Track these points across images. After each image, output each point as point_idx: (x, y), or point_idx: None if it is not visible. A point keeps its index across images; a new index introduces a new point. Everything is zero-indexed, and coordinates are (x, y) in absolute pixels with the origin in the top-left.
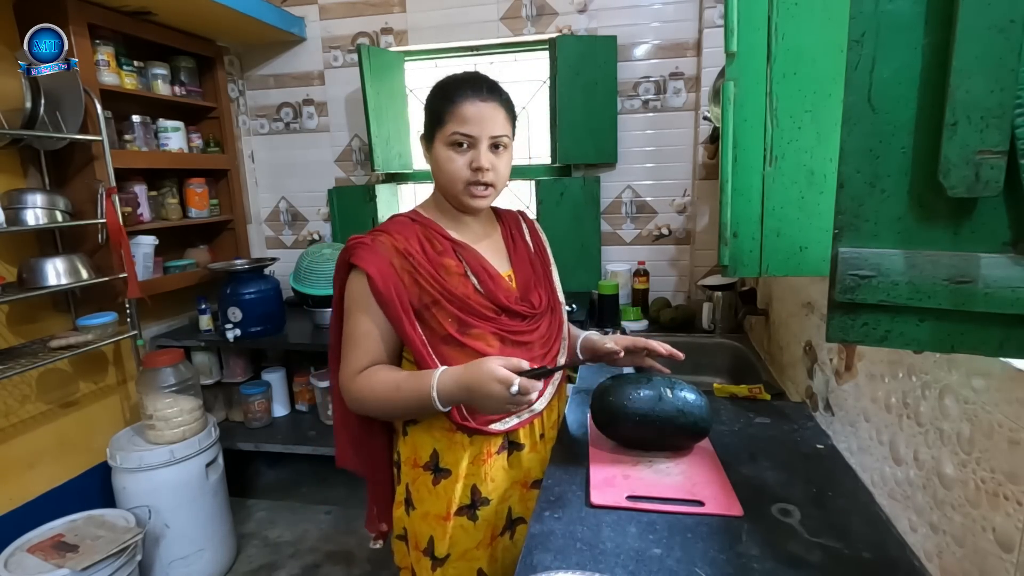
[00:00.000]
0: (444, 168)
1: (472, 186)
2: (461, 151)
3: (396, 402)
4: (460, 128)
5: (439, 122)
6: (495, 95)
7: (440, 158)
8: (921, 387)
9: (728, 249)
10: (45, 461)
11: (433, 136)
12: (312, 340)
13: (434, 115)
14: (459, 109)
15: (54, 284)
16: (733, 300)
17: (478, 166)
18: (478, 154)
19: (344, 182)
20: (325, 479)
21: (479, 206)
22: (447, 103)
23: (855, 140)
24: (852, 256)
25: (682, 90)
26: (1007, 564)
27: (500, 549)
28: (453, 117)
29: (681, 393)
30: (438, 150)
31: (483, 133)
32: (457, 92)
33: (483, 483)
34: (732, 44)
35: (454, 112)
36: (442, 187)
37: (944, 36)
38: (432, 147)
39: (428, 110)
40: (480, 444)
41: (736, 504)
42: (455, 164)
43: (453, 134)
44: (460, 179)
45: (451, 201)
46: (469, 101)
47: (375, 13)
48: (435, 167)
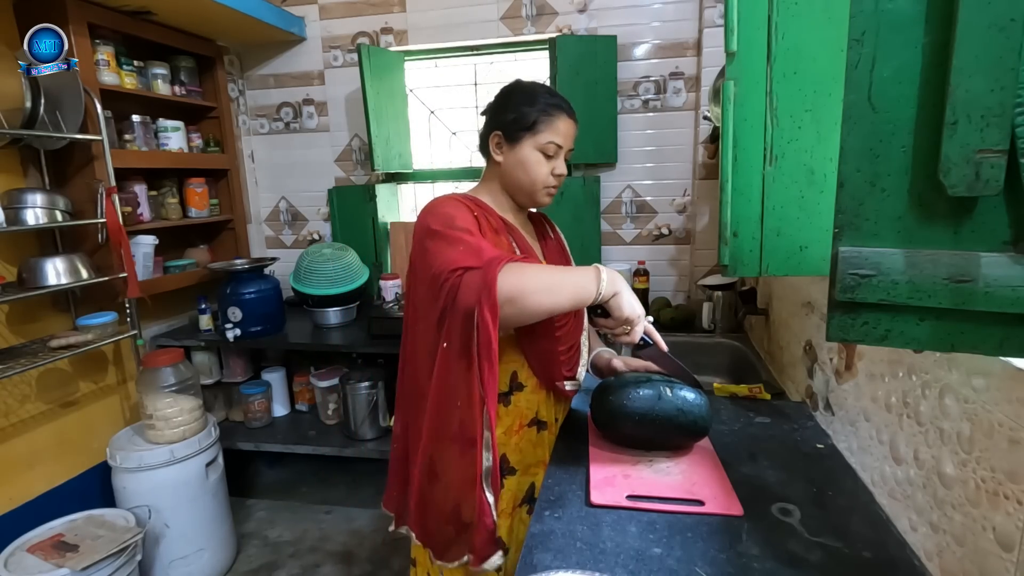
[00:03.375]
0: (530, 169)
1: (549, 188)
2: (548, 159)
3: (552, 277)
4: (557, 139)
5: (531, 128)
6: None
7: (529, 160)
8: (921, 386)
9: (728, 249)
10: (45, 461)
11: (519, 138)
12: (312, 340)
13: (527, 120)
14: (557, 123)
15: (54, 284)
16: (733, 300)
17: (560, 173)
18: (560, 163)
19: (344, 182)
20: (325, 479)
21: (547, 203)
22: (545, 115)
23: (855, 139)
24: (852, 255)
25: (682, 90)
26: (1007, 563)
27: (517, 521)
28: (551, 128)
29: (681, 392)
30: (526, 152)
31: (567, 146)
32: (555, 107)
33: (512, 452)
34: (732, 43)
35: (553, 124)
36: (516, 183)
37: (944, 35)
38: (517, 147)
39: (517, 114)
40: (514, 415)
41: (736, 503)
42: (543, 168)
43: (549, 143)
44: (541, 181)
45: (518, 196)
46: (564, 118)
47: (375, 13)
48: (516, 165)
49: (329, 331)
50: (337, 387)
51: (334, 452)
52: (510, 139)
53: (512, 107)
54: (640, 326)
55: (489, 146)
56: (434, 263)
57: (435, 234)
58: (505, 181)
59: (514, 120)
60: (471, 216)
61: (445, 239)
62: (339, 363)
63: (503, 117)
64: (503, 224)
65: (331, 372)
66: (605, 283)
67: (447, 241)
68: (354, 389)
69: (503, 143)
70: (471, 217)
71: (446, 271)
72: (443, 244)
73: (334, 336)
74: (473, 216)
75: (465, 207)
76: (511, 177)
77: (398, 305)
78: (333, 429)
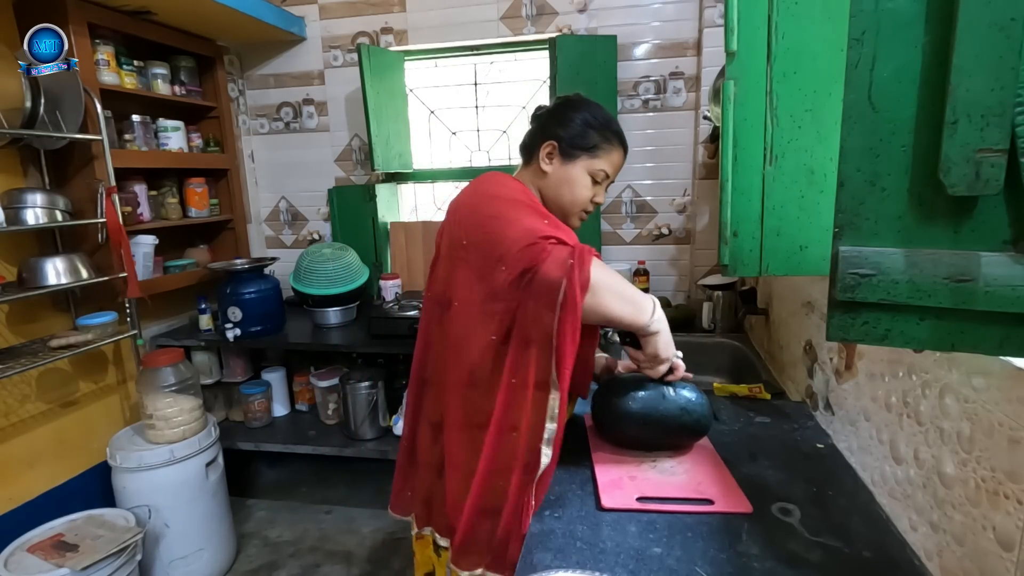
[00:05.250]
0: (576, 190)
1: (583, 213)
2: (595, 184)
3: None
4: (609, 169)
5: (591, 150)
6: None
7: (577, 180)
8: (921, 386)
9: (728, 248)
10: (45, 461)
11: (575, 156)
12: (312, 340)
13: (588, 141)
14: (616, 155)
15: (54, 284)
16: (733, 299)
17: (598, 201)
18: (602, 192)
19: (344, 182)
20: (325, 479)
21: (576, 227)
22: (609, 144)
23: (855, 139)
24: (852, 255)
25: (682, 89)
26: (1007, 563)
27: None
28: (609, 158)
29: (683, 392)
30: (578, 171)
31: (612, 179)
32: (616, 137)
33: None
34: (732, 43)
35: (612, 155)
36: (556, 198)
37: (944, 34)
38: (569, 163)
39: (579, 132)
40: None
41: (744, 501)
42: (587, 193)
43: (601, 170)
44: (581, 204)
45: (554, 211)
46: (620, 152)
47: (375, 13)
48: (563, 181)
49: (329, 331)
50: (337, 387)
51: (334, 452)
52: (565, 154)
53: (577, 123)
54: (665, 366)
55: (539, 152)
56: (512, 227)
57: (507, 200)
58: (545, 192)
59: (575, 137)
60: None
61: (521, 207)
62: (339, 363)
63: (563, 130)
64: None
65: (331, 372)
66: (656, 318)
67: (524, 211)
68: (354, 389)
69: (556, 155)
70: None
71: (534, 235)
72: (521, 212)
73: (334, 336)
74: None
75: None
76: (553, 191)
77: (398, 305)
78: (333, 429)
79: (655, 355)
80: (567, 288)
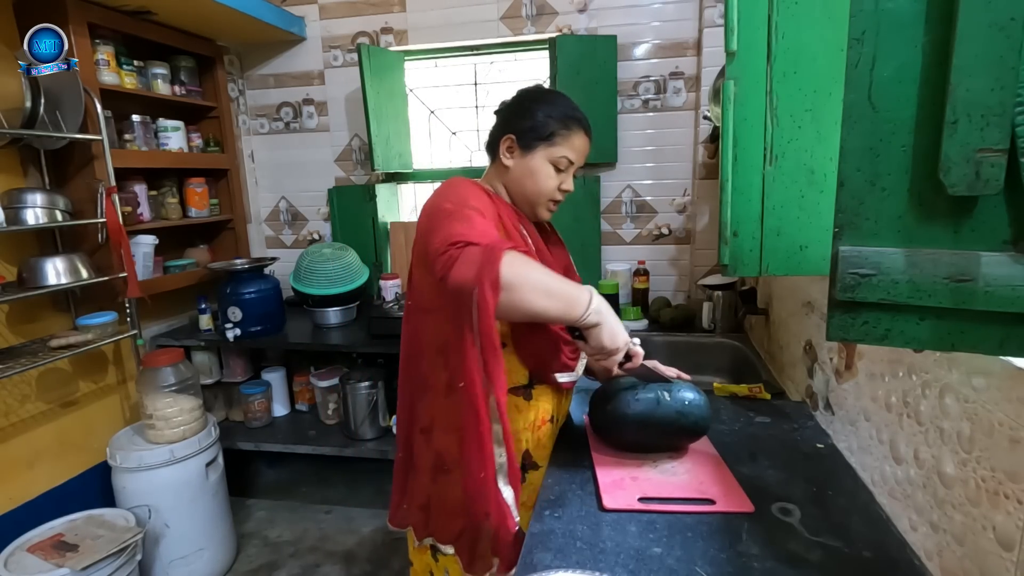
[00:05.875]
0: (539, 180)
1: (552, 202)
2: (559, 172)
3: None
4: (570, 155)
5: (548, 139)
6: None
7: (538, 171)
8: (921, 386)
9: (728, 248)
10: (45, 461)
11: (534, 147)
12: (312, 340)
13: (543, 130)
14: (575, 138)
15: (54, 284)
16: (733, 299)
17: (567, 188)
18: (568, 179)
19: (344, 182)
20: (325, 479)
21: (547, 218)
22: (564, 128)
23: (855, 138)
24: (852, 255)
25: (682, 89)
26: (1007, 563)
27: None
28: (567, 143)
29: (680, 394)
30: (537, 162)
31: (579, 163)
32: (575, 122)
33: (535, 448)
34: (732, 43)
35: (570, 139)
36: (520, 191)
37: (944, 34)
38: (529, 155)
39: (535, 122)
40: (536, 409)
41: (746, 500)
42: (551, 182)
43: (563, 157)
44: (547, 194)
45: (519, 204)
46: (581, 135)
47: (375, 13)
48: (525, 173)
49: (329, 331)
50: (337, 387)
51: (334, 452)
52: (523, 146)
53: (531, 114)
54: (617, 357)
55: (499, 148)
56: (436, 235)
57: (445, 211)
58: (510, 186)
59: (531, 128)
60: (488, 200)
61: (453, 216)
62: (339, 363)
63: (520, 122)
64: (517, 219)
65: (331, 372)
66: (592, 310)
67: (455, 218)
68: (354, 389)
69: (515, 148)
70: (487, 200)
71: (446, 243)
72: (451, 220)
73: (334, 336)
74: (490, 200)
75: (482, 191)
76: (517, 184)
77: (398, 305)
78: (333, 429)
79: (600, 347)
80: (478, 292)
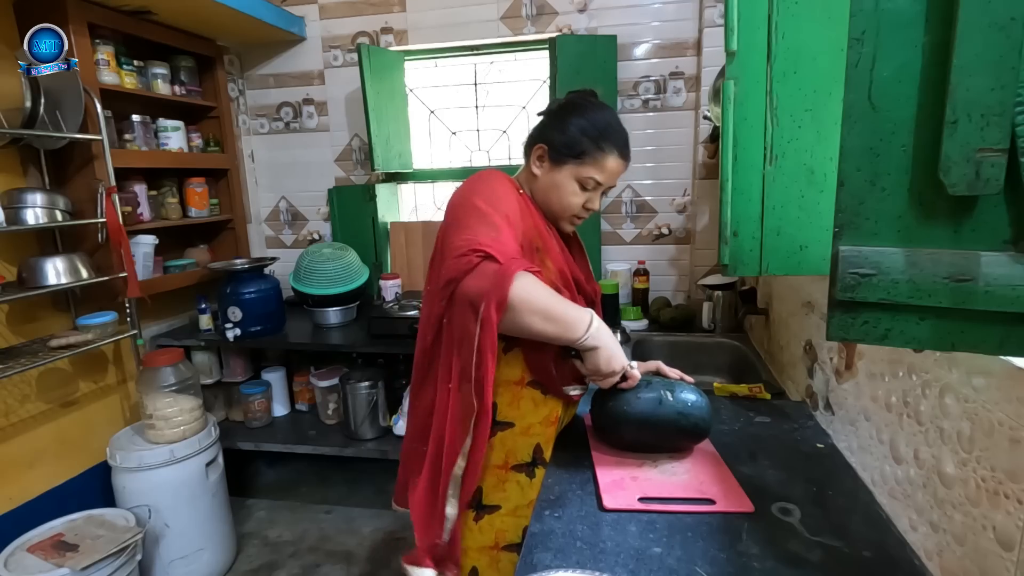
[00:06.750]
0: (563, 196)
1: (575, 218)
2: (585, 191)
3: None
4: (598, 177)
5: (579, 157)
6: (629, 157)
7: (563, 186)
8: (921, 386)
9: (728, 248)
10: (45, 461)
11: (563, 162)
12: (312, 340)
13: (577, 147)
14: (606, 161)
15: (54, 283)
16: (733, 299)
17: (592, 208)
18: (596, 199)
19: (344, 182)
20: (325, 479)
21: (569, 231)
22: (597, 149)
23: (855, 138)
24: (852, 254)
25: (682, 89)
26: (1007, 563)
27: None
28: (597, 165)
29: (682, 395)
30: (564, 178)
31: (609, 184)
32: (610, 144)
33: (547, 444)
34: (732, 43)
35: (601, 162)
36: (546, 203)
37: (945, 34)
38: (556, 169)
39: (568, 138)
40: (552, 406)
41: (746, 500)
42: (575, 199)
43: (590, 178)
44: (570, 211)
45: (545, 214)
46: (616, 158)
47: (375, 12)
48: (551, 186)
49: (329, 331)
50: (337, 387)
51: (334, 452)
52: (553, 158)
53: (566, 127)
54: (612, 380)
55: (531, 154)
56: (460, 233)
57: (477, 211)
58: (536, 195)
59: (564, 143)
60: (518, 203)
61: (485, 219)
62: (339, 363)
63: (554, 134)
64: (545, 222)
65: (331, 372)
66: (590, 335)
67: (486, 222)
68: (354, 389)
69: (546, 158)
70: (516, 205)
71: (469, 247)
72: (479, 221)
73: (334, 336)
74: (520, 202)
75: (515, 190)
76: (542, 194)
77: (398, 305)
78: (333, 429)
79: (596, 370)
80: (484, 307)
